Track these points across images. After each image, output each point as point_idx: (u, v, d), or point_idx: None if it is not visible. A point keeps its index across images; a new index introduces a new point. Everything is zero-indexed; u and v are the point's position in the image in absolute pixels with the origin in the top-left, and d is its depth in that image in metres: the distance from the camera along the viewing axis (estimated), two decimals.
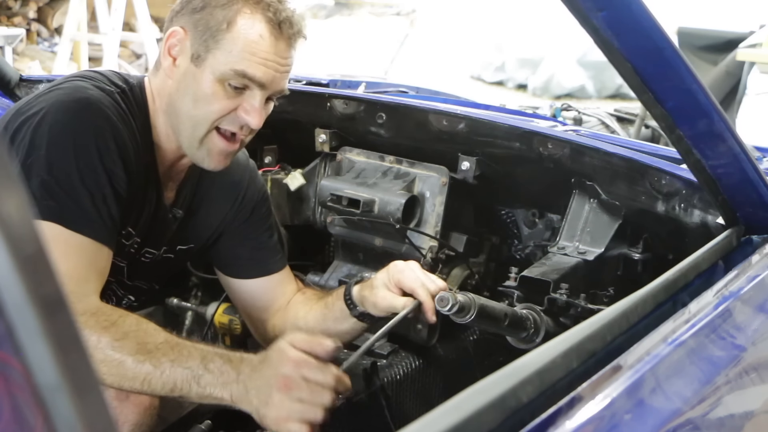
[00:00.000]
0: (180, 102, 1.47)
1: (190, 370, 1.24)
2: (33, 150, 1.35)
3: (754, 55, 5.04)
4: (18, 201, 0.48)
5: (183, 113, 1.47)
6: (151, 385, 1.24)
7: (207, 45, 1.43)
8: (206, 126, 1.46)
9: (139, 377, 1.23)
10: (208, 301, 2.01)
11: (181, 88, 1.47)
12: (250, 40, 1.42)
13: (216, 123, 1.46)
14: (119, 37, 6.53)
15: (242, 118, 1.45)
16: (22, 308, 0.48)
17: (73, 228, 1.33)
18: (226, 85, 1.43)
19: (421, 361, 1.87)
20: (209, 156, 1.49)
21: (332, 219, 2.01)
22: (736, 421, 1.17)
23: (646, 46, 1.15)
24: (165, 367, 1.24)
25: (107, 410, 0.51)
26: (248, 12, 1.43)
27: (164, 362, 1.24)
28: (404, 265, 1.52)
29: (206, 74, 1.43)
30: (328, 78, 2.67)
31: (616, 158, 1.78)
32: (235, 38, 1.42)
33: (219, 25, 1.42)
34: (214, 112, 1.44)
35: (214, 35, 1.42)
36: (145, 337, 1.27)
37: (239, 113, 1.45)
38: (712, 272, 1.35)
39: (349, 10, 11.45)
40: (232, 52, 1.42)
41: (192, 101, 1.45)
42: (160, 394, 1.26)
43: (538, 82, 9.17)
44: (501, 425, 0.78)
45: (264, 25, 1.43)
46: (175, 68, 1.47)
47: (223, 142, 1.48)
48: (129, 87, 1.52)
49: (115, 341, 1.24)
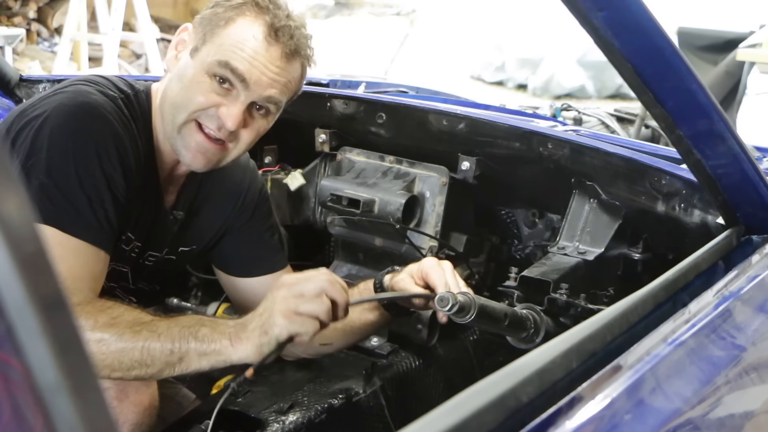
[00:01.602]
0: (170, 89, 1.51)
1: (187, 327, 1.29)
2: (33, 152, 1.35)
3: (754, 55, 5.04)
4: (18, 201, 0.48)
5: (169, 99, 1.50)
6: (151, 352, 1.27)
7: (204, 38, 1.47)
8: (186, 114, 1.47)
9: (138, 345, 1.26)
10: (208, 301, 2.01)
11: (174, 78, 1.50)
12: (242, 37, 1.45)
13: (195, 114, 1.47)
14: (119, 37, 6.53)
15: (221, 117, 1.46)
16: (22, 308, 0.48)
17: (70, 231, 1.34)
18: (212, 78, 1.45)
19: (421, 361, 1.87)
20: (186, 148, 1.50)
21: (332, 219, 2.01)
22: (736, 421, 1.17)
23: (646, 46, 1.15)
24: (162, 330, 1.28)
25: (107, 410, 0.51)
26: (250, 16, 1.46)
27: (160, 326, 1.29)
28: (436, 262, 1.54)
29: (196, 64, 1.47)
30: (328, 78, 2.67)
31: (616, 158, 1.78)
32: (229, 34, 1.45)
33: (219, 21, 1.46)
34: (194, 102, 1.46)
35: (212, 30, 1.46)
36: (139, 315, 1.32)
37: (219, 110, 1.46)
38: (712, 272, 1.35)
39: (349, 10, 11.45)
40: (222, 45, 1.45)
41: (179, 88, 1.48)
42: (161, 361, 1.28)
43: (538, 82, 9.17)
44: (501, 425, 0.78)
45: (260, 28, 1.45)
46: (176, 61, 1.51)
47: (200, 136, 1.48)
48: (134, 92, 1.53)
49: (111, 319, 1.28)
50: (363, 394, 1.68)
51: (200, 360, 1.29)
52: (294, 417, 1.55)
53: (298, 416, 1.55)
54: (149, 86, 1.58)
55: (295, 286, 1.29)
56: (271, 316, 1.27)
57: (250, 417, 1.53)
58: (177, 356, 1.28)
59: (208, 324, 1.31)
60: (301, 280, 1.31)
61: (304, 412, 1.57)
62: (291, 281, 1.32)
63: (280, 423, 1.52)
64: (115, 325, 1.27)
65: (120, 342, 1.26)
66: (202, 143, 1.48)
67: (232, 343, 1.28)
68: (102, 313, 1.28)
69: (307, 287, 1.29)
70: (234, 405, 1.57)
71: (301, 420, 1.55)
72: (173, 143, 1.51)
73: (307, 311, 1.27)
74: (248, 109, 1.47)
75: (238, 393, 1.61)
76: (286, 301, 1.27)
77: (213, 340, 1.28)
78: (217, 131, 1.47)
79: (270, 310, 1.28)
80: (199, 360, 1.29)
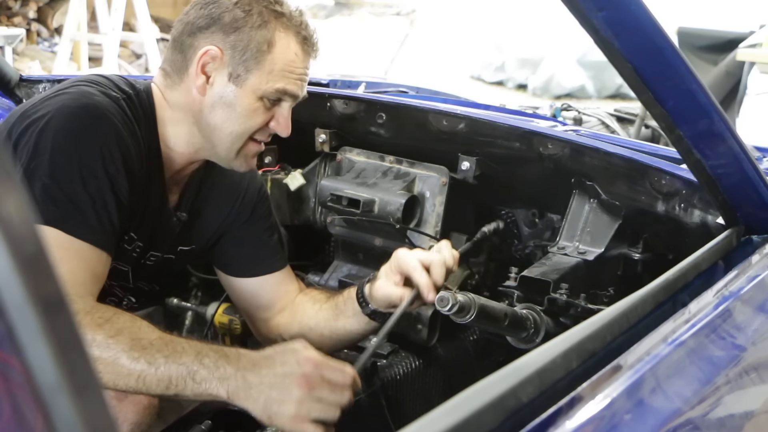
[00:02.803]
0: (218, 118, 1.51)
1: (185, 366, 1.24)
2: (37, 154, 1.35)
3: (754, 55, 5.04)
4: (18, 201, 0.48)
5: (222, 128, 1.51)
6: (146, 383, 1.23)
7: (247, 65, 1.48)
8: (245, 138, 1.53)
9: (133, 374, 1.23)
10: (208, 301, 2.01)
11: (218, 105, 1.50)
12: (289, 60, 1.50)
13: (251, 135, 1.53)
14: (119, 37, 6.54)
15: (274, 128, 1.54)
16: (22, 308, 0.48)
17: (73, 233, 1.34)
18: (264, 101, 1.50)
19: (421, 361, 1.87)
20: (245, 162, 1.57)
21: (332, 219, 2.01)
22: (736, 421, 1.17)
23: (646, 46, 1.15)
24: (159, 364, 1.23)
25: (107, 410, 0.51)
26: (282, 32, 1.49)
27: (158, 358, 1.24)
28: (405, 251, 1.52)
29: (248, 92, 1.49)
30: (328, 78, 2.67)
31: (616, 158, 1.78)
32: (276, 59, 1.49)
33: (260, 46, 1.47)
34: (253, 127, 1.52)
35: (255, 56, 1.47)
36: (139, 333, 1.26)
37: (271, 124, 1.53)
38: (712, 272, 1.35)
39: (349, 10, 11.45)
40: (273, 72, 1.49)
41: (233, 117, 1.50)
42: (156, 392, 1.25)
43: (538, 82, 9.17)
44: (501, 425, 0.78)
45: (297, 45, 1.51)
46: (209, 86, 1.50)
47: (256, 148, 1.57)
48: (135, 93, 1.53)
49: (109, 338, 1.24)
50: (363, 394, 1.68)
51: (195, 397, 1.27)
52: None
53: None
54: (149, 86, 1.57)
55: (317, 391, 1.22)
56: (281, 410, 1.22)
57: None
58: (172, 392, 1.25)
59: (208, 365, 1.24)
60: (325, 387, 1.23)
61: None
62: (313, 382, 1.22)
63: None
64: (112, 347, 1.23)
65: (115, 366, 1.23)
66: (257, 152, 1.58)
67: (228, 394, 1.24)
68: (100, 330, 1.24)
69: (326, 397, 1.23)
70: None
71: None
72: (227, 164, 1.57)
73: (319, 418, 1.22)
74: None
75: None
76: (301, 405, 1.21)
77: (209, 386, 1.24)
78: (267, 138, 1.56)
79: (280, 401, 1.22)
80: (194, 397, 1.27)
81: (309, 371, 1.22)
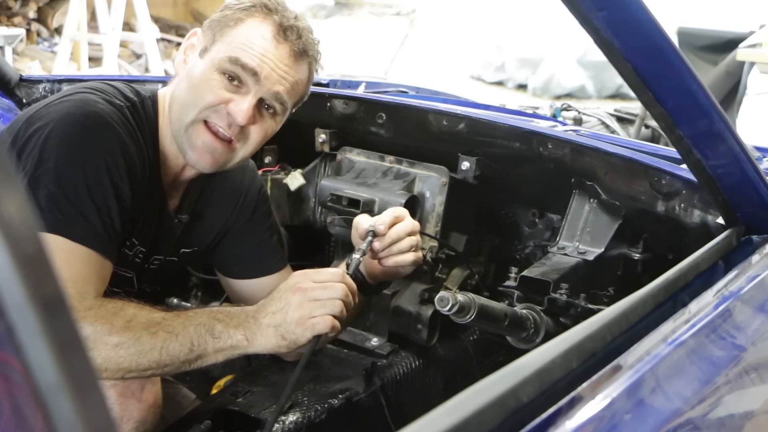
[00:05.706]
0: (178, 89, 1.52)
1: (202, 325, 1.33)
2: (42, 162, 1.36)
3: (754, 55, 5.04)
4: (18, 201, 0.48)
5: (177, 98, 1.52)
6: (170, 352, 1.30)
7: (213, 38, 1.50)
8: (195, 111, 1.48)
9: (156, 347, 1.30)
10: (208, 301, 2.01)
11: (183, 78, 1.52)
12: (252, 35, 1.48)
13: (205, 113, 1.48)
14: (119, 37, 6.53)
15: (231, 112, 1.46)
16: (22, 308, 0.48)
17: (78, 240, 1.35)
18: (222, 75, 1.47)
19: (421, 361, 1.87)
20: (192, 148, 1.50)
21: (332, 219, 2.01)
22: (736, 421, 1.17)
23: (646, 46, 1.15)
24: (178, 330, 1.32)
25: (107, 410, 0.51)
26: (259, 17, 1.49)
27: (176, 326, 1.32)
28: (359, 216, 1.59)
29: (206, 62, 1.49)
30: (328, 78, 2.67)
31: (616, 158, 1.78)
32: (238, 33, 1.48)
33: (228, 22, 1.49)
34: (204, 100, 1.47)
35: (221, 30, 1.49)
36: (150, 314, 1.34)
37: (229, 106, 1.47)
38: (712, 272, 1.35)
39: (349, 10, 11.45)
40: (232, 43, 1.48)
41: (188, 87, 1.50)
42: (180, 359, 1.32)
43: (538, 82, 9.17)
44: (501, 425, 0.78)
45: (269, 28, 1.49)
46: (184, 65, 1.53)
47: (208, 136, 1.49)
48: (140, 100, 1.54)
49: (126, 321, 1.30)
50: (363, 394, 1.68)
51: (217, 355, 1.35)
52: (294, 417, 1.55)
53: (298, 416, 1.56)
54: (155, 92, 1.58)
55: (310, 292, 1.35)
56: (287, 321, 1.34)
57: (250, 417, 1.53)
58: (195, 354, 1.33)
59: (222, 319, 1.35)
60: (316, 287, 1.36)
61: (304, 412, 1.57)
62: (305, 286, 1.36)
63: (280, 423, 1.52)
64: (131, 328, 1.29)
65: (138, 345, 1.28)
66: (209, 143, 1.49)
67: (247, 338, 1.34)
68: (116, 317, 1.30)
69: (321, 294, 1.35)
70: (234, 405, 1.57)
71: (301, 420, 1.55)
72: (179, 143, 1.52)
73: (322, 313, 1.34)
74: (257, 106, 1.49)
75: (238, 393, 1.61)
76: (301, 307, 1.34)
77: (229, 336, 1.34)
78: (227, 128, 1.48)
79: (284, 313, 1.34)
80: (216, 355, 1.35)
81: (298, 280, 1.37)
